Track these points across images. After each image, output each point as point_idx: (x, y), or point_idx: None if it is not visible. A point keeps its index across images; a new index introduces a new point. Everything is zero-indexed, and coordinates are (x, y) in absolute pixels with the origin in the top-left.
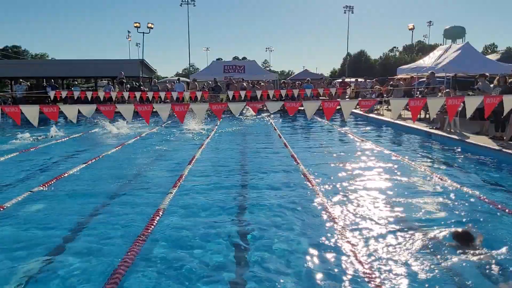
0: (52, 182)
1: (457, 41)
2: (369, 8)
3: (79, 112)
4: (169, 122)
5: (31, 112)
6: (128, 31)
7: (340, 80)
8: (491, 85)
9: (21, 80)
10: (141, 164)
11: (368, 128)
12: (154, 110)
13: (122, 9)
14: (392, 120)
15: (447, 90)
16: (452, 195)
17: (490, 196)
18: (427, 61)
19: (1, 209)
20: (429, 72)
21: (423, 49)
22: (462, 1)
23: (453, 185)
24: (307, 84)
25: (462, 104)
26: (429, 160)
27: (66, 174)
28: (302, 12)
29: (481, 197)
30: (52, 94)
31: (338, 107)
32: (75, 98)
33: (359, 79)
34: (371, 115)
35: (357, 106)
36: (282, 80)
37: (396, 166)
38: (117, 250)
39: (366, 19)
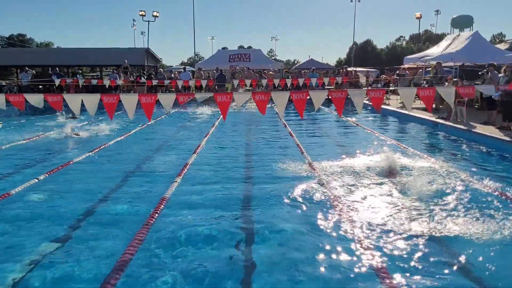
0: (57, 170)
1: (464, 30)
2: None
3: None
4: (173, 111)
5: (36, 99)
6: (133, 20)
7: (342, 69)
8: (500, 75)
9: (27, 68)
10: (146, 152)
11: (373, 117)
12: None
13: None
14: (398, 110)
15: (454, 79)
16: (457, 185)
17: (496, 186)
18: (435, 50)
19: (7, 196)
20: (435, 62)
21: (430, 38)
22: None
23: (459, 174)
24: (312, 73)
25: None
26: (435, 150)
27: (71, 162)
28: (308, 1)
29: (487, 186)
30: (57, 82)
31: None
32: (80, 86)
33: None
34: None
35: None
36: (285, 69)
37: (402, 156)
38: (120, 239)
39: (372, 7)
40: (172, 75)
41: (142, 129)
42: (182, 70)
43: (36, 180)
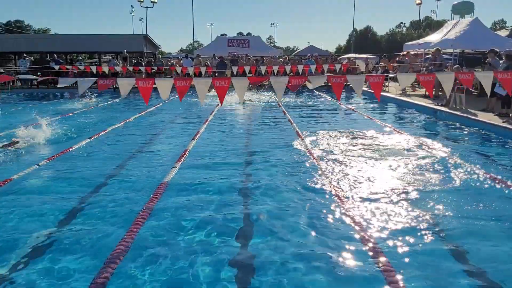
0: (58, 156)
1: (465, 17)
2: None
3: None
4: (171, 98)
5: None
6: (132, 6)
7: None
8: (501, 61)
9: (24, 55)
10: (145, 139)
11: (372, 104)
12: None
13: None
14: (397, 97)
15: (456, 65)
16: (456, 171)
17: (494, 172)
18: (435, 37)
19: (8, 182)
20: (434, 49)
21: (431, 25)
22: None
23: (457, 161)
24: (309, 59)
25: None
26: (433, 137)
27: (71, 149)
28: None
29: (486, 173)
30: (57, 68)
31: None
32: (81, 73)
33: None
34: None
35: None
36: (285, 56)
37: (399, 142)
38: (119, 226)
39: None
40: (174, 62)
41: (142, 116)
42: (184, 57)
43: (37, 166)
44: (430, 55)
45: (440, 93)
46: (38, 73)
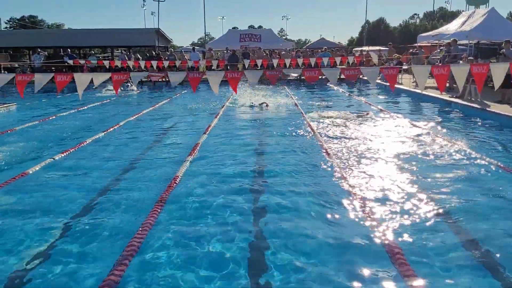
0: (72, 150)
1: (480, 7)
2: None
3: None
4: (184, 92)
5: (41, 80)
6: (143, 0)
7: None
8: None
9: (39, 50)
10: (156, 134)
11: (385, 96)
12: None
13: None
14: (411, 89)
15: (470, 57)
16: (471, 164)
17: (510, 165)
18: (450, 28)
19: (23, 175)
20: (451, 39)
21: (445, 16)
22: None
23: (473, 153)
24: (324, 52)
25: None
26: (448, 129)
27: (84, 143)
28: None
29: (501, 165)
30: (70, 63)
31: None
32: (94, 67)
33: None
34: (388, 83)
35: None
36: (297, 49)
37: (414, 134)
38: (132, 219)
39: None
40: (186, 57)
41: (153, 110)
42: (191, 50)
43: (52, 160)
44: (443, 47)
45: (454, 85)
46: (53, 68)
